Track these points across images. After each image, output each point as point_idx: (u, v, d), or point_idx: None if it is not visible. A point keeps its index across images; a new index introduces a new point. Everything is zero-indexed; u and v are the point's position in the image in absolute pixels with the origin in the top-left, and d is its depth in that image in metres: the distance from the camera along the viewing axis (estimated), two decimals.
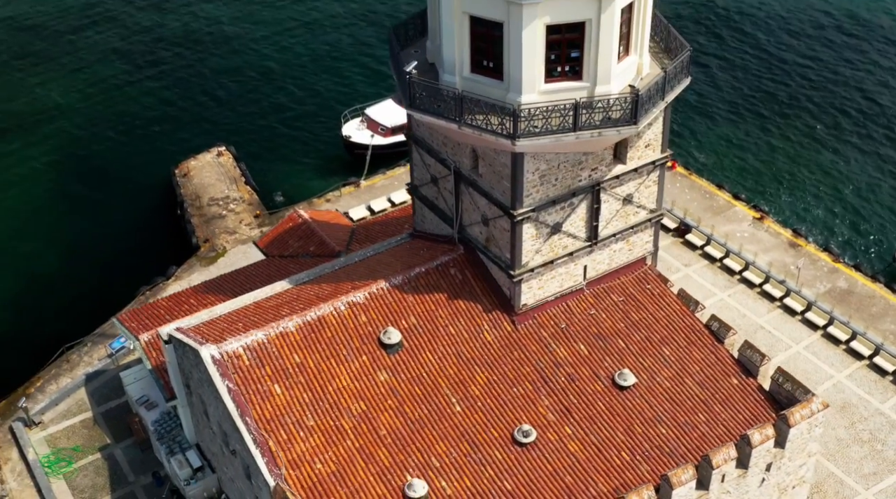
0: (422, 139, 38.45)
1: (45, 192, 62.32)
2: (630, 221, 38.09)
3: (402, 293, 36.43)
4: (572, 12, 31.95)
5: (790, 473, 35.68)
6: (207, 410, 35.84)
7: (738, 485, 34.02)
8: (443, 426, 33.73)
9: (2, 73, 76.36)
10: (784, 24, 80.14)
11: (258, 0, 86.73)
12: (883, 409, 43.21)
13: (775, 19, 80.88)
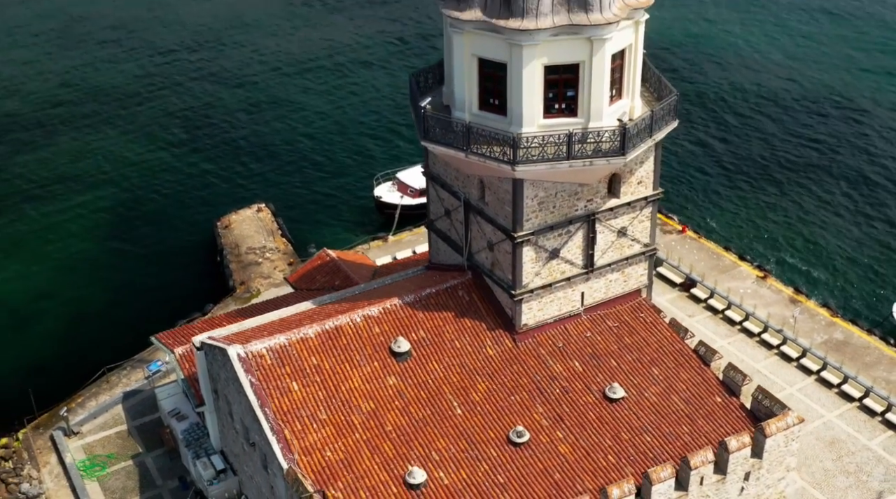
0: (437, 175, 42.49)
1: (101, 235, 68.95)
2: (625, 253, 41.48)
3: (414, 310, 39.94)
4: (567, 54, 36.12)
5: (770, 485, 38.06)
6: (232, 409, 39.23)
7: (718, 490, 36.48)
8: (444, 426, 36.79)
9: (66, 132, 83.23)
10: (784, 101, 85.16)
11: (300, 72, 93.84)
12: (870, 445, 45.40)
13: (775, 97, 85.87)
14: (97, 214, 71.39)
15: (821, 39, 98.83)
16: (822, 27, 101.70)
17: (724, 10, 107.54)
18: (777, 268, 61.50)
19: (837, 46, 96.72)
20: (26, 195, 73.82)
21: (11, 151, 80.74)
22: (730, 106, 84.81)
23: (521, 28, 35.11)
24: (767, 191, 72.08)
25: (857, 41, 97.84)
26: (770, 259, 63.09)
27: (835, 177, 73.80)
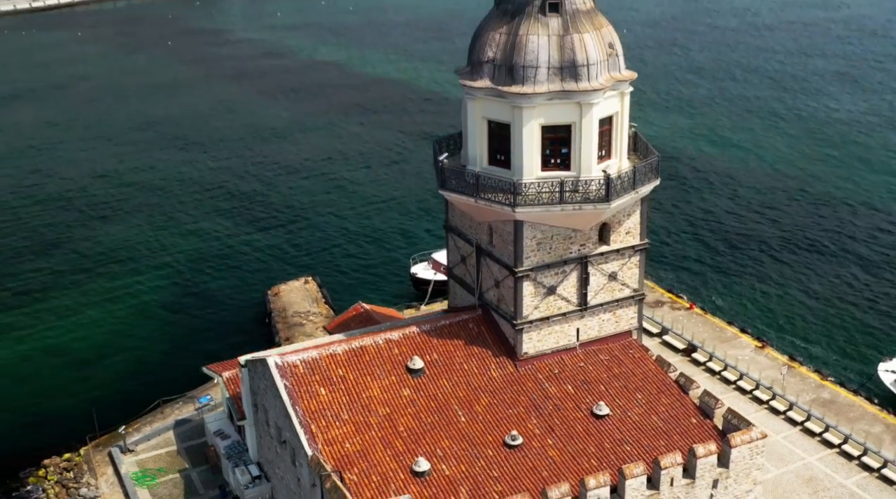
0: (454, 226, 49.21)
1: (166, 295, 78.23)
2: (616, 295, 47.39)
3: (429, 336, 46.08)
4: (560, 116, 43.11)
5: (738, 496, 42.72)
6: (268, 416, 45.26)
7: (688, 494, 41.30)
8: (448, 430, 42.38)
9: (141, 210, 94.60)
10: (782, 199, 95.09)
11: (346, 162, 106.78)
12: (846, 483, 49.63)
13: (775, 199, 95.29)
14: (165, 278, 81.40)
15: (810, 139, 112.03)
16: (810, 129, 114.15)
17: (726, 120, 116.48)
18: (775, 338, 66.43)
19: (824, 144, 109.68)
20: (107, 258, 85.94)
21: (95, 223, 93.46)
22: (736, 204, 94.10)
23: (522, 92, 42.29)
24: (768, 272, 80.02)
25: (840, 140, 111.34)
26: (769, 331, 68.16)
27: (828, 259, 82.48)
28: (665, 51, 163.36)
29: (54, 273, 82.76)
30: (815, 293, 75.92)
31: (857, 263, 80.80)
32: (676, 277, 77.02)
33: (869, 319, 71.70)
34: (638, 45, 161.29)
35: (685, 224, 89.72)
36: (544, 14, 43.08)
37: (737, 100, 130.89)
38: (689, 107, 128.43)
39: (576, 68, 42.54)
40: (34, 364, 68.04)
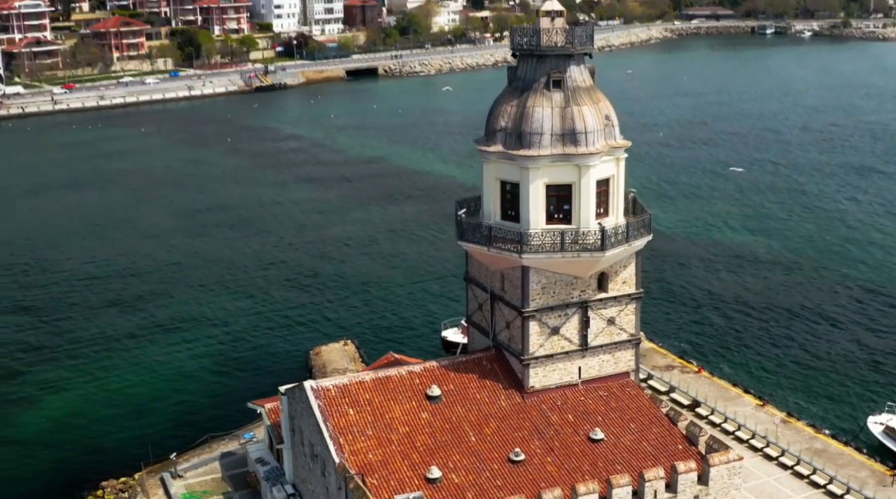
0: (472, 277, 55.73)
1: (219, 351, 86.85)
2: (614, 339, 53.28)
3: (447, 370, 52.18)
4: (562, 176, 49.90)
5: None
6: (303, 436, 51.35)
7: None
8: (460, 447, 48.14)
9: (190, 287, 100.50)
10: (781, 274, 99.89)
11: (380, 237, 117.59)
12: None
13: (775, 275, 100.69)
14: (218, 337, 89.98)
15: (806, 222, 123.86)
16: (806, 213, 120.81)
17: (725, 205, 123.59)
18: (775, 397, 71.32)
19: (818, 227, 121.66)
20: (167, 318, 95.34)
21: (157, 287, 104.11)
22: (742, 281, 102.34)
23: (528, 155, 49.28)
24: (770, 339, 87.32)
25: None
26: (769, 391, 73.12)
27: (823, 327, 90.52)
28: (686, 148, 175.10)
29: (122, 331, 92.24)
30: (811, 357, 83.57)
31: (848, 330, 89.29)
32: (687, 345, 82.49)
33: (860, 378, 78.91)
34: (662, 143, 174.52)
35: (696, 297, 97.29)
36: (549, 90, 50.31)
37: (745, 188, 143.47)
38: (700, 193, 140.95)
39: (575, 135, 49.50)
40: (100, 403, 77.03)
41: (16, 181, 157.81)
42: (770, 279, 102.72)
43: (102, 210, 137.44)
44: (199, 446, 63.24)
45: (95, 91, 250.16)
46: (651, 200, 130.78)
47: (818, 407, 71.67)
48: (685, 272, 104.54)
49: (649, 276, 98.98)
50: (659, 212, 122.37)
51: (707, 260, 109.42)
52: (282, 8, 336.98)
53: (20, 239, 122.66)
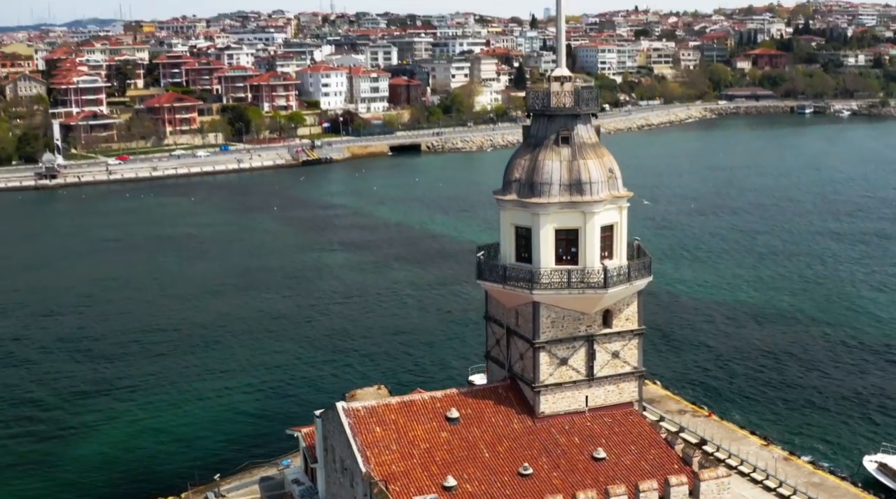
0: (491, 315, 61.56)
1: (262, 393, 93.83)
2: (619, 371, 58.57)
3: (466, 397, 57.73)
4: (570, 222, 55.89)
5: None
6: (335, 452, 56.97)
7: None
8: (474, 462, 53.47)
9: (236, 335, 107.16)
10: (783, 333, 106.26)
11: (408, 291, 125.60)
12: None
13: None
14: (262, 382, 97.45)
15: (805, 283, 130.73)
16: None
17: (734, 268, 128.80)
18: (778, 438, 75.75)
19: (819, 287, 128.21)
20: (218, 363, 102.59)
21: (205, 334, 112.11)
22: (751, 336, 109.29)
23: (539, 202, 55.43)
24: (777, 387, 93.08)
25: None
26: (773, 432, 77.55)
27: (823, 376, 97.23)
28: (714, 215, 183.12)
29: (173, 372, 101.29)
30: (813, 402, 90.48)
31: (846, 378, 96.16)
32: (699, 392, 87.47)
33: (857, 421, 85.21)
34: (694, 212, 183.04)
35: (710, 349, 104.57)
36: (558, 145, 56.66)
37: (760, 252, 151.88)
38: (718, 256, 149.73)
39: (581, 185, 55.65)
40: (154, 432, 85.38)
41: (74, 242, 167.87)
42: (777, 334, 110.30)
43: (154, 268, 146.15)
44: (241, 471, 68.92)
45: (148, 162, 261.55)
46: (676, 260, 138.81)
47: (818, 446, 76.33)
48: (700, 326, 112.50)
49: (668, 330, 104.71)
50: (684, 272, 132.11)
51: (721, 316, 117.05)
52: (329, 86, 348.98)
53: (81, 293, 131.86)
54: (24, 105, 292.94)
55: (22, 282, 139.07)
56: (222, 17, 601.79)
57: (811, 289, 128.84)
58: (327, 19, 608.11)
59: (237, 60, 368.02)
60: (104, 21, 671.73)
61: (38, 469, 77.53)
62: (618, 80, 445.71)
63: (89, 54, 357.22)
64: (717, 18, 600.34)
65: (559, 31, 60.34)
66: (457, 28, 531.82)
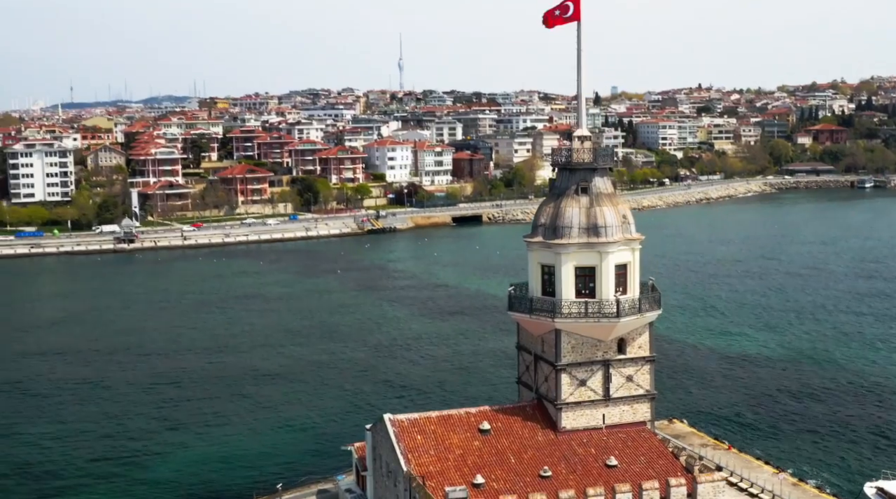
0: (522, 345, 70.09)
1: (314, 419, 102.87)
2: (632, 393, 66.45)
3: (497, 413, 66.04)
4: (587, 260, 64.54)
5: None
6: (382, 458, 65.45)
7: None
8: (502, 466, 61.57)
9: (296, 375, 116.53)
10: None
11: (467, 338, 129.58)
12: None
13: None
14: (319, 412, 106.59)
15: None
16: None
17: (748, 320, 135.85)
18: (791, 467, 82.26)
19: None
20: (279, 400, 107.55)
21: (277, 379, 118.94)
22: (772, 380, 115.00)
23: (560, 243, 64.28)
24: (792, 423, 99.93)
25: None
26: (787, 463, 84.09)
27: (830, 414, 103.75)
28: (760, 278, 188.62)
29: (241, 405, 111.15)
30: (823, 434, 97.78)
31: (851, 414, 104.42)
32: (722, 429, 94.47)
33: (860, 450, 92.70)
34: (741, 274, 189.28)
35: (732, 391, 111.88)
36: (578, 194, 65.63)
37: (795, 309, 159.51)
38: (743, 312, 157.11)
39: (597, 229, 64.42)
40: (224, 452, 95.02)
41: (151, 297, 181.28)
42: (792, 378, 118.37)
43: (225, 320, 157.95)
44: (301, 484, 77.48)
45: (221, 229, 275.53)
46: (709, 312, 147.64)
47: (825, 474, 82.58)
48: (726, 371, 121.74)
49: (697, 374, 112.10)
50: (715, 322, 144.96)
51: (745, 363, 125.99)
52: (395, 160, 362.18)
53: (162, 338, 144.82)
54: (105, 174, 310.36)
55: (108, 330, 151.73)
56: (294, 94, 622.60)
57: (829, 339, 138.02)
58: (395, 96, 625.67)
59: (307, 135, 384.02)
60: (179, 98, 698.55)
61: (118, 486, 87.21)
62: (678, 156, 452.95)
63: (166, 128, 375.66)
64: (780, 95, 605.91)
65: (580, 96, 69.73)
66: (521, 105, 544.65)
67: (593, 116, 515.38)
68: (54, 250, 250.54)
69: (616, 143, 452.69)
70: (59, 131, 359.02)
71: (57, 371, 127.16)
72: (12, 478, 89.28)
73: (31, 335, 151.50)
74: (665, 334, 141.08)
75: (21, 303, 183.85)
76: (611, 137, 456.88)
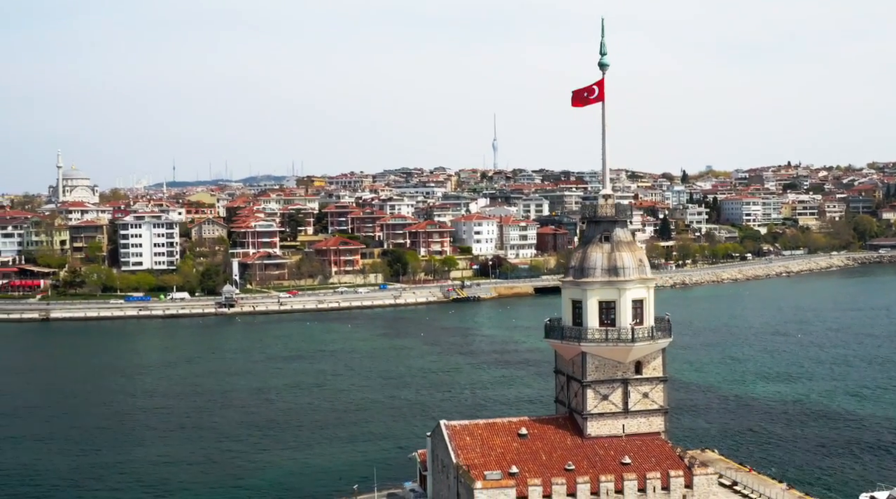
0: (558, 368, 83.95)
1: (390, 436, 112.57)
2: (648, 407, 79.45)
3: (534, 422, 79.76)
4: (608, 295, 78.48)
5: None
6: (439, 457, 79.52)
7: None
8: (535, 461, 75.05)
9: (374, 407, 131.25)
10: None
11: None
12: None
13: None
14: (396, 431, 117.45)
15: None
16: None
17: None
18: (799, 485, 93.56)
19: None
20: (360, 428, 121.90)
21: (353, 415, 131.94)
22: (781, 414, 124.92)
23: (587, 281, 78.51)
24: (804, 450, 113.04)
25: None
26: (797, 481, 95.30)
27: (831, 434, 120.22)
28: (794, 338, 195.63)
29: (331, 430, 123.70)
30: (827, 452, 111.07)
31: (850, 437, 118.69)
32: (746, 456, 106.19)
33: (857, 467, 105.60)
34: (778, 333, 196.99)
35: (759, 424, 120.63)
36: (601, 242, 79.90)
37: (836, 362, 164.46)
38: (789, 367, 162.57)
39: (616, 269, 78.45)
40: (314, 462, 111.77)
41: (249, 353, 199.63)
42: (810, 415, 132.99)
43: (316, 370, 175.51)
44: (375, 490, 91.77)
45: (314, 296, 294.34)
46: (745, 365, 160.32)
47: (827, 490, 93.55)
48: (753, 406, 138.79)
49: (731, 409, 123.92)
50: (750, 368, 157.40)
51: (770, 402, 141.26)
52: (481, 234, 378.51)
53: (264, 387, 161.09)
54: (208, 245, 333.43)
55: (214, 382, 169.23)
56: (388, 173, 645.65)
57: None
58: (485, 175, 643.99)
59: (398, 210, 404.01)
60: (277, 177, 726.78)
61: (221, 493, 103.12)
62: (762, 231, 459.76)
63: (265, 203, 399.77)
64: (868, 172, 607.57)
65: (604, 164, 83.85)
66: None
67: (678, 193, 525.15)
68: (160, 313, 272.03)
69: (699, 219, 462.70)
70: (165, 205, 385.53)
71: (166, 407, 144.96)
72: (136, 484, 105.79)
73: (140, 380, 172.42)
74: (714, 384, 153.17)
75: (130, 355, 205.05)
76: (694, 214, 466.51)
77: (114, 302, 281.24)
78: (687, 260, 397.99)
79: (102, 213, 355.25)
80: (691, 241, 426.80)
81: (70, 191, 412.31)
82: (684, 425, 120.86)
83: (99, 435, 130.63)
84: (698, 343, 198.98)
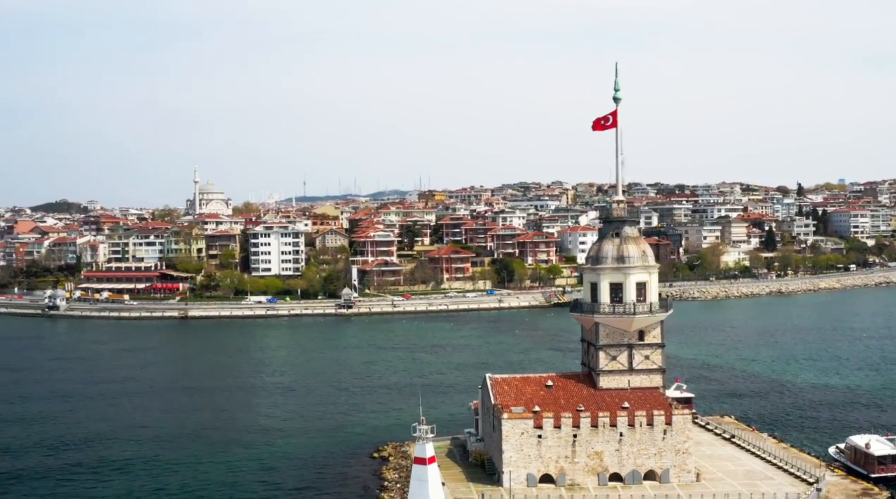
0: (583, 337, 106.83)
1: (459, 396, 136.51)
2: (649, 367, 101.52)
3: (559, 377, 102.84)
4: (617, 278, 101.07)
5: (677, 443, 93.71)
6: (485, 404, 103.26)
7: (650, 434, 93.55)
8: (555, 404, 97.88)
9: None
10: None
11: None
12: (758, 468, 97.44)
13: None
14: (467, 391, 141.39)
15: None
16: None
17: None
18: (788, 439, 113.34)
19: None
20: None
21: (441, 389, 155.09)
22: (784, 388, 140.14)
23: (600, 267, 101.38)
24: (796, 412, 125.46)
25: None
26: (787, 436, 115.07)
27: (823, 400, 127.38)
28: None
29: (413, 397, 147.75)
30: (815, 411, 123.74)
31: (833, 403, 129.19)
32: (755, 419, 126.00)
33: (835, 423, 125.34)
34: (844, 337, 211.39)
35: (767, 397, 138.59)
36: (613, 238, 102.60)
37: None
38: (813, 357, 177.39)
39: (623, 258, 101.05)
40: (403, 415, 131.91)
41: (363, 346, 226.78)
42: (807, 387, 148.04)
43: (417, 359, 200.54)
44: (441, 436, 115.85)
45: (426, 300, 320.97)
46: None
47: (808, 442, 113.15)
48: (765, 383, 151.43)
49: (746, 387, 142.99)
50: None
51: (777, 382, 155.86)
52: (585, 244, 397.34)
53: (363, 372, 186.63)
54: (330, 253, 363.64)
55: (326, 366, 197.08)
56: (506, 186, 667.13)
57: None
58: (601, 188, 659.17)
59: (510, 221, 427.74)
60: (403, 192, 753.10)
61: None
62: (869, 243, 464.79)
63: (385, 215, 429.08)
64: None
65: (618, 176, 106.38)
66: (718, 196, 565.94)
67: (788, 206, 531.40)
68: (286, 313, 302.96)
69: (806, 230, 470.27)
70: (293, 217, 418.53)
71: (286, 382, 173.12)
72: (240, 444, 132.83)
73: (266, 361, 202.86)
74: (760, 371, 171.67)
75: (259, 343, 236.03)
76: (801, 225, 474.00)
77: (244, 304, 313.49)
78: (789, 270, 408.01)
79: (235, 224, 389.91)
80: (795, 252, 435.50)
81: (206, 204, 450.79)
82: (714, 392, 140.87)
83: (231, 398, 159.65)
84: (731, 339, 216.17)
